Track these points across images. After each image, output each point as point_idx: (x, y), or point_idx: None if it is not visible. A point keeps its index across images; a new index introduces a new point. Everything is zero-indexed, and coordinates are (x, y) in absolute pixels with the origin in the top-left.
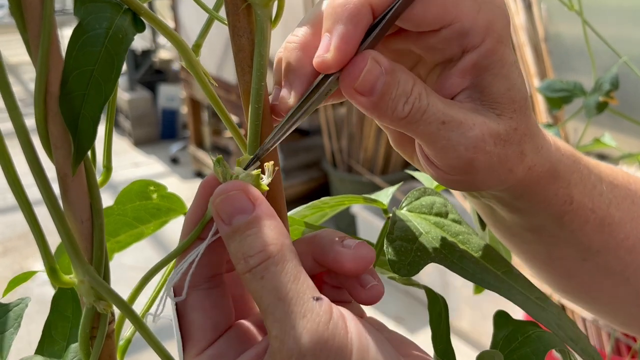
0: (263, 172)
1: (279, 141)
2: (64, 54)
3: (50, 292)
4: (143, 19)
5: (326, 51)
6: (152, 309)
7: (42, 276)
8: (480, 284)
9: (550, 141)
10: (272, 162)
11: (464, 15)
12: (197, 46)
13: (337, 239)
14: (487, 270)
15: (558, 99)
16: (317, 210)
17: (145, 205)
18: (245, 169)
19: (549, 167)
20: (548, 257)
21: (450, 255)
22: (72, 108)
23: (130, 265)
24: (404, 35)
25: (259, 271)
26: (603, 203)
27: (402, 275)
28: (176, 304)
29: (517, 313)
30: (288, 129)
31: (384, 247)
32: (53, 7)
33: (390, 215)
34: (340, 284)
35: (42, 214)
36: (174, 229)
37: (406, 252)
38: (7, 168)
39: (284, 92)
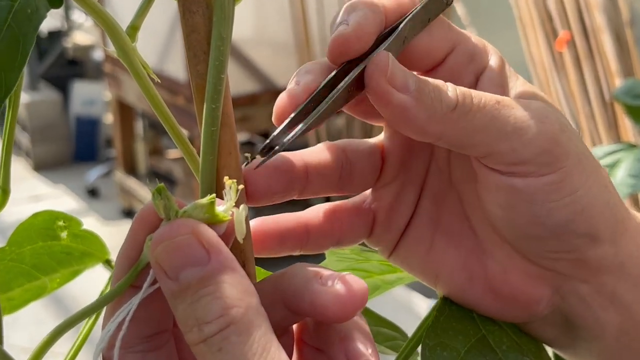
0: (221, 197)
1: (293, 138)
2: None
3: None
4: None
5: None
6: None
7: None
8: None
9: None
10: (234, 180)
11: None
12: (134, 28)
13: (313, 275)
14: None
15: None
16: (364, 275)
17: (51, 248)
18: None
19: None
20: None
21: None
22: None
23: (23, 347)
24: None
25: (216, 342)
26: None
27: None
28: None
29: None
30: (301, 129)
31: (422, 344)
32: None
33: (442, 297)
34: (321, 346)
35: None
36: (90, 287)
37: (449, 358)
38: None
39: (290, 85)
